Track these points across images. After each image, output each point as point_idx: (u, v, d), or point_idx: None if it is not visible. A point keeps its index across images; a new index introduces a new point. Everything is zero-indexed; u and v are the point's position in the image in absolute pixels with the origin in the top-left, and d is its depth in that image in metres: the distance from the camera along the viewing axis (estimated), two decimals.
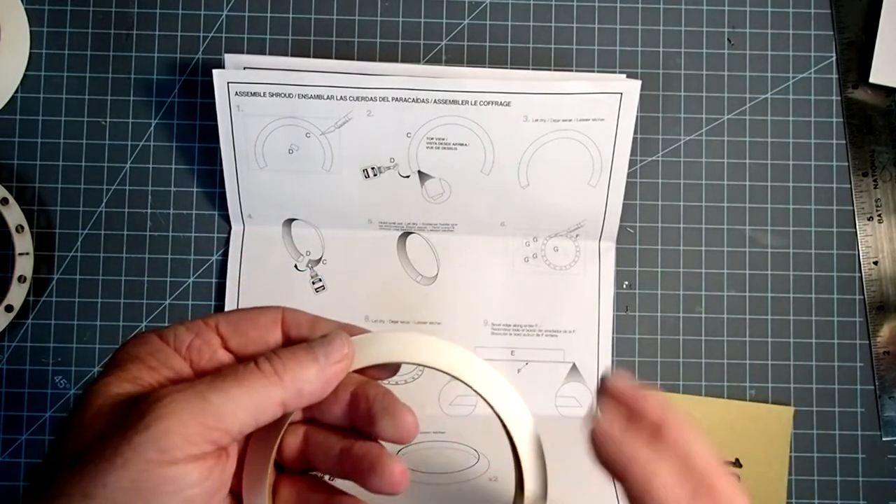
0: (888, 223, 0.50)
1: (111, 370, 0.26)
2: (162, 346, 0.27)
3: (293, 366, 0.26)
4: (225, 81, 0.46)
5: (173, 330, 0.27)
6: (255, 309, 0.29)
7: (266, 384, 0.25)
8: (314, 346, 0.27)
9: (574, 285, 0.49)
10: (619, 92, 0.46)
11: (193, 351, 0.27)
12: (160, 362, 0.26)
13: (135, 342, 0.27)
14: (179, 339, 0.27)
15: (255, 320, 0.28)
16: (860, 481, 0.49)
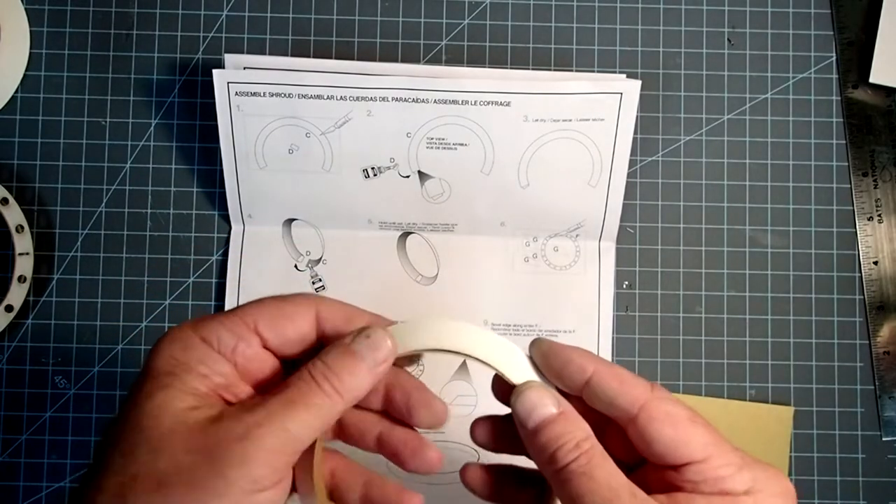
0: (888, 223, 0.50)
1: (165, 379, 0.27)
2: (208, 351, 0.28)
3: (347, 377, 0.27)
4: (225, 81, 0.46)
5: (215, 332, 0.28)
6: (289, 302, 0.29)
7: (330, 403, 0.27)
8: (361, 350, 0.28)
9: (574, 285, 0.49)
10: (619, 92, 0.46)
11: (238, 355, 0.28)
12: (211, 370, 0.27)
13: (181, 346, 0.27)
14: (224, 343, 0.28)
15: (291, 318, 0.29)
16: (860, 481, 0.49)
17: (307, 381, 0.27)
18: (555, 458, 0.27)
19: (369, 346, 0.28)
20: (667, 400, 0.28)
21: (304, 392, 0.27)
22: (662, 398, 0.28)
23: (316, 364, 0.28)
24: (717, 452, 0.27)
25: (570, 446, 0.27)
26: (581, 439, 0.27)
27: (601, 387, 0.28)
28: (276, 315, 0.29)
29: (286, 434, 0.26)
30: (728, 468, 0.27)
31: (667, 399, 0.28)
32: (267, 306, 0.29)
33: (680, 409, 0.28)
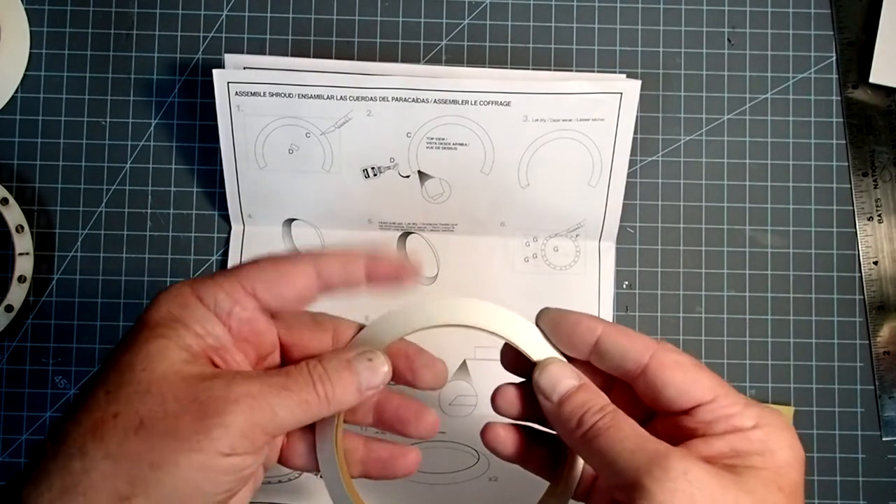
0: (888, 223, 0.50)
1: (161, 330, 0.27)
2: (205, 312, 0.28)
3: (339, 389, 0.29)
4: (225, 81, 0.46)
5: (212, 294, 0.28)
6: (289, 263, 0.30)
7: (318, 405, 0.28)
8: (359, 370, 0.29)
9: (574, 285, 0.50)
10: (619, 92, 0.46)
11: (233, 318, 0.29)
12: (205, 330, 0.28)
13: (178, 303, 0.28)
14: (220, 305, 0.29)
15: (289, 279, 0.29)
16: (860, 481, 0.49)
17: (305, 376, 0.28)
18: (582, 421, 0.29)
19: (367, 369, 0.30)
20: (673, 350, 0.30)
21: (300, 385, 0.28)
22: (669, 349, 0.30)
23: (316, 366, 0.29)
24: (724, 392, 0.29)
25: (595, 409, 0.29)
26: (604, 403, 0.29)
27: (611, 343, 0.30)
28: (274, 278, 0.29)
29: (273, 415, 0.27)
30: (735, 406, 0.29)
31: (672, 349, 0.30)
32: (265, 269, 0.30)
33: (685, 357, 0.30)
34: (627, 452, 0.27)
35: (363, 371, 0.29)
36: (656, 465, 0.26)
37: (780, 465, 0.28)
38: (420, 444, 0.48)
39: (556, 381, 0.30)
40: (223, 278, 0.29)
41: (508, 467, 0.34)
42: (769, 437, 0.28)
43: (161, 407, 0.26)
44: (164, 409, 0.26)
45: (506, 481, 0.48)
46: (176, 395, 0.26)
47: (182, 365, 0.27)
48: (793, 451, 0.28)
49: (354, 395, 0.29)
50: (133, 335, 0.28)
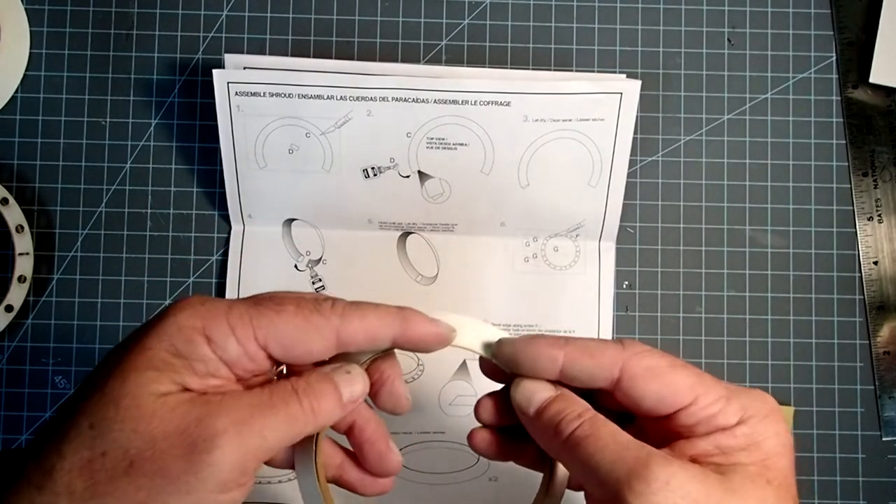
0: (888, 223, 0.50)
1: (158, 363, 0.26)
2: (210, 355, 0.27)
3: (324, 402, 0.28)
4: (225, 81, 0.46)
5: (223, 338, 0.27)
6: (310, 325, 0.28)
7: (305, 420, 0.28)
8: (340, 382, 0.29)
9: (574, 285, 0.49)
10: (619, 92, 0.46)
11: (239, 367, 0.28)
12: (207, 370, 0.27)
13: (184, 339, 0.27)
14: (229, 352, 0.27)
15: (308, 344, 0.28)
16: (860, 481, 0.49)
17: (289, 392, 0.28)
18: (559, 429, 0.28)
19: (348, 382, 0.29)
20: (642, 354, 0.29)
21: (286, 401, 0.27)
22: (637, 353, 0.29)
23: (299, 381, 0.28)
24: (704, 391, 0.28)
25: (572, 416, 0.28)
26: (582, 410, 0.29)
27: (577, 368, 0.29)
28: (292, 339, 0.28)
29: (263, 440, 0.26)
30: (717, 404, 0.28)
31: (642, 353, 0.29)
32: (286, 324, 0.28)
33: (657, 359, 0.29)
34: (608, 463, 0.26)
35: (343, 384, 0.29)
36: (636, 477, 0.25)
37: (768, 457, 0.27)
38: (420, 444, 0.49)
39: (531, 394, 0.30)
40: (238, 322, 0.27)
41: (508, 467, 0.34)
42: (754, 430, 0.28)
43: (150, 446, 0.25)
44: (152, 447, 0.25)
45: (506, 481, 0.48)
46: (165, 430, 0.25)
47: (169, 397, 0.26)
48: (779, 439, 0.28)
49: (338, 407, 0.29)
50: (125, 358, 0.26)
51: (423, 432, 0.49)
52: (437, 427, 0.49)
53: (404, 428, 0.49)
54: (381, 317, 0.29)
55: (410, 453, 0.49)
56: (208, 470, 0.25)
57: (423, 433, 0.49)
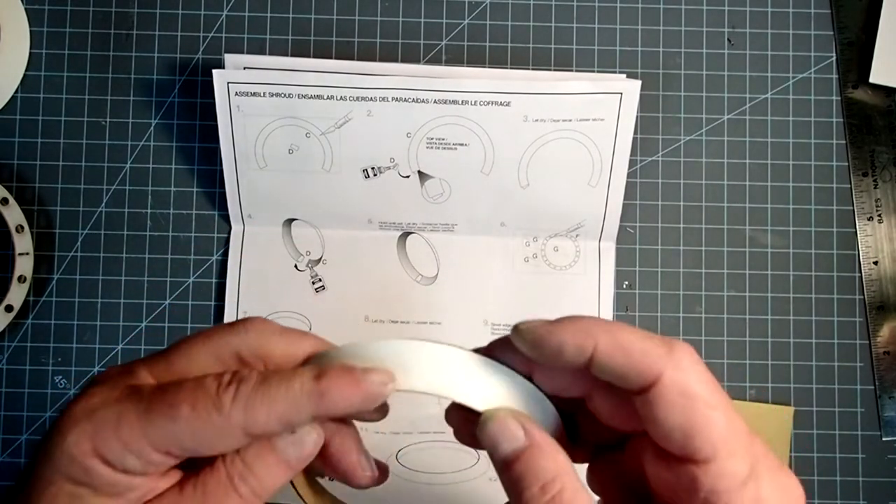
0: (888, 223, 0.50)
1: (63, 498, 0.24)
2: (112, 476, 0.24)
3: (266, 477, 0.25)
4: (225, 81, 0.46)
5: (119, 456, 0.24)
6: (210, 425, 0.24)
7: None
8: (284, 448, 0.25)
9: (574, 285, 0.49)
10: (619, 92, 0.46)
11: (152, 470, 0.25)
12: (118, 488, 0.24)
13: (79, 468, 0.24)
14: (130, 467, 0.24)
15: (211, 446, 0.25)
16: (860, 481, 0.49)
17: (223, 483, 0.25)
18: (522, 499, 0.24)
19: (293, 443, 0.26)
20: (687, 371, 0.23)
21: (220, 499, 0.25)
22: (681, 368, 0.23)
23: (234, 461, 0.25)
24: (726, 454, 0.23)
25: (535, 490, 0.24)
26: (548, 481, 0.24)
27: (606, 365, 0.24)
28: (193, 444, 0.24)
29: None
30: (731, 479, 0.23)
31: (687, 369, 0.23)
32: (182, 433, 0.24)
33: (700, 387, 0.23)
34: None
35: (288, 447, 0.25)
36: None
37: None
38: (420, 444, 0.49)
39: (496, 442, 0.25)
40: (130, 437, 0.24)
41: None
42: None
43: None
44: None
45: None
46: None
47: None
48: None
49: (286, 474, 0.26)
50: (34, 497, 0.24)
51: (423, 432, 0.49)
52: (436, 427, 0.49)
53: (404, 428, 0.49)
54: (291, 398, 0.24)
55: (410, 453, 0.49)
56: None
57: (423, 433, 0.49)
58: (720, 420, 0.23)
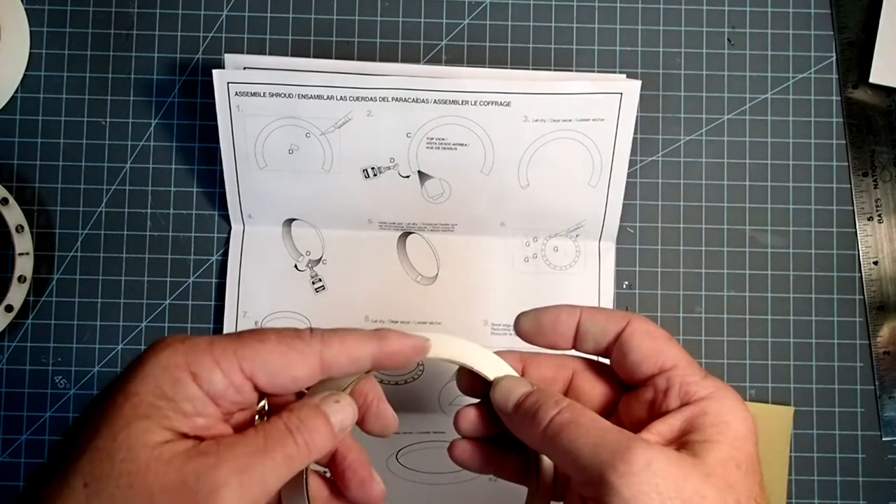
0: (888, 223, 0.50)
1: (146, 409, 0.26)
2: (197, 392, 0.27)
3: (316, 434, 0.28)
4: (225, 81, 0.46)
5: (208, 373, 0.27)
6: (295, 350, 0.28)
7: (300, 456, 0.28)
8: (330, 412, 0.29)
9: (574, 285, 0.49)
10: (619, 92, 0.46)
11: (226, 401, 0.27)
12: (195, 409, 0.27)
13: (169, 379, 0.26)
14: (214, 387, 0.27)
15: (292, 369, 0.28)
16: (860, 481, 0.49)
17: (283, 430, 0.28)
18: (537, 418, 0.29)
19: (338, 411, 0.29)
20: (647, 321, 0.32)
21: (281, 441, 0.27)
22: (643, 320, 0.32)
23: (290, 417, 0.28)
24: (686, 363, 0.31)
25: (550, 403, 0.30)
26: (559, 398, 0.30)
27: (591, 322, 0.32)
28: (277, 367, 0.28)
29: (264, 486, 0.26)
30: (694, 375, 0.30)
31: (647, 321, 0.32)
32: (269, 354, 0.28)
33: (658, 329, 0.32)
34: (590, 447, 0.27)
35: (334, 413, 0.29)
36: (619, 459, 0.26)
37: (736, 437, 0.28)
38: (420, 444, 0.49)
39: (509, 391, 0.31)
40: (222, 355, 0.27)
41: None
42: (723, 409, 0.29)
43: (147, 501, 0.24)
44: (150, 502, 0.24)
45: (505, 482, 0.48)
46: (162, 484, 0.25)
47: (164, 448, 0.25)
48: (745, 423, 0.29)
49: (330, 438, 0.29)
50: (113, 409, 0.26)
51: (423, 432, 0.49)
52: (437, 427, 0.49)
53: (404, 428, 0.49)
54: (359, 338, 0.30)
55: (410, 453, 0.49)
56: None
57: (423, 433, 0.49)
58: (677, 347, 0.32)
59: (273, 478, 0.26)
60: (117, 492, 0.24)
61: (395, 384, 0.49)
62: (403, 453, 0.49)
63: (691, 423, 0.29)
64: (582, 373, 0.34)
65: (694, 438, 0.28)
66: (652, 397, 0.31)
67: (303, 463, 0.28)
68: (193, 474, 0.25)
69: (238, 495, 0.25)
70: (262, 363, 0.28)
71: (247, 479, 0.25)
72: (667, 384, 0.30)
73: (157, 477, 0.25)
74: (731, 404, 0.29)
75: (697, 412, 0.29)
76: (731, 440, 0.28)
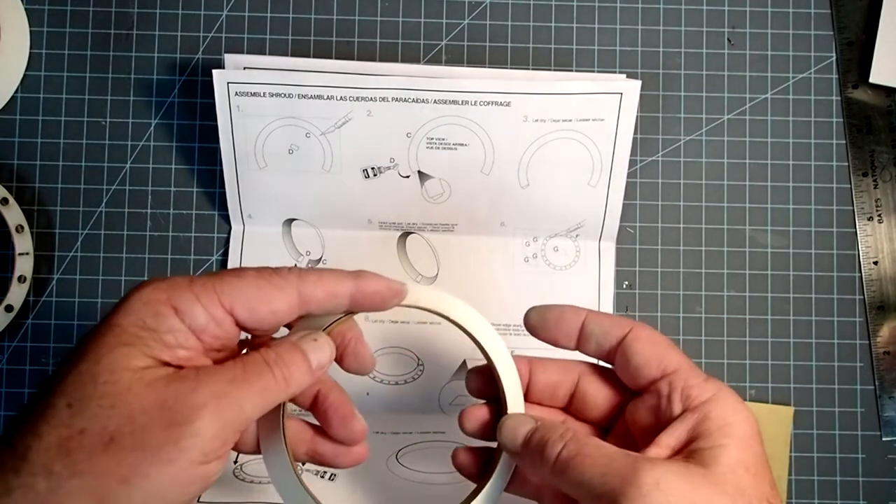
0: (888, 223, 0.50)
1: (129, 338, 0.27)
2: (179, 325, 0.27)
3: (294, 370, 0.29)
4: (225, 81, 0.46)
5: (189, 307, 0.28)
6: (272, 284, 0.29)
7: (277, 389, 0.28)
8: (308, 350, 0.30)
9: (574, 285, 0.49)
10: (619, 92, 0.46)
11: (207, 334, 0.28)
12: (177, 341, 0.27)
13: (152, 312, 0.27)
14: (196, 320, 0.28)
15: (270, 302, 0.29)
16: (860, 481, 0.49)
17: (261, 364, 0.28)
18: (545, 455, 0.30)
19: (315, 349, 0.30)
20: (649, 328, 0.33)
21: (259, 373, 0.28)
22: (645, 326, 0.33)
23: (269, 352, 0.29)
24: (687, 367, 0.31)
25: (555, 438, 0.30)
26: (563, 431, 0.30)
27: (595, 324, 0.33)
28: (255, 300, 0.29)
29: (240, 411, 0.27)
30: (695, 378, 0.31)
31: (649, 327, 0.33)
32: (248, 287, 0.29)
33: (660, 335, 0.33)
34: (599, 478, 0.28)
35: (311, 351, 0.30)
36: (628, 484, 0.27)
37: (742, 438, 0.29)
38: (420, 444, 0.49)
39: (515, 430, 0.32)
40: (202, 290, 0.28)
41: None
42: (726, 411, 0.29)
43: (129, 420, 0.25)
44: (131, 422, 0.25)
45: None
46: (143, 405, 0.25)
47: (145, 372, 0.26)
48: (749, 423, 0.29)
49: (308, 374, 0.29)
50: (97, 338, 0.27)
51: (423, 432, 0.49)
52: (437, 427, 0.49)
53: (404, 428, 0.49)
54: (337, 276, 0.30)
55: (410, 453, 0.49)
56: (190, 440, 0.25)
57: (423, 433, 0.49)
58: (679, 353, 0.32)
59: (249, 406, 0.27)
60: (99, 411, 0.25)
61: (395, 384, 0.49)
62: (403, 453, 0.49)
63: (696, 430, 0.29)
64: (587, 377, 0.34)
65: (701, 446, 0.29)
66: (656, 403, 0.31)
67: (279, 395, 0.29)
68: (173, 396, 0.26)
69: (215, 417, 0.26)
70: (240, 297, 0.28)
71: (224, 403, 0.26)
72: (669, 389, 0.31)
73: (137, 398, 0.25)
74: (732, 406, 0.30)
75: (701, 418, 0.29)
76: (737, 442, 0.28)
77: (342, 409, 0.33)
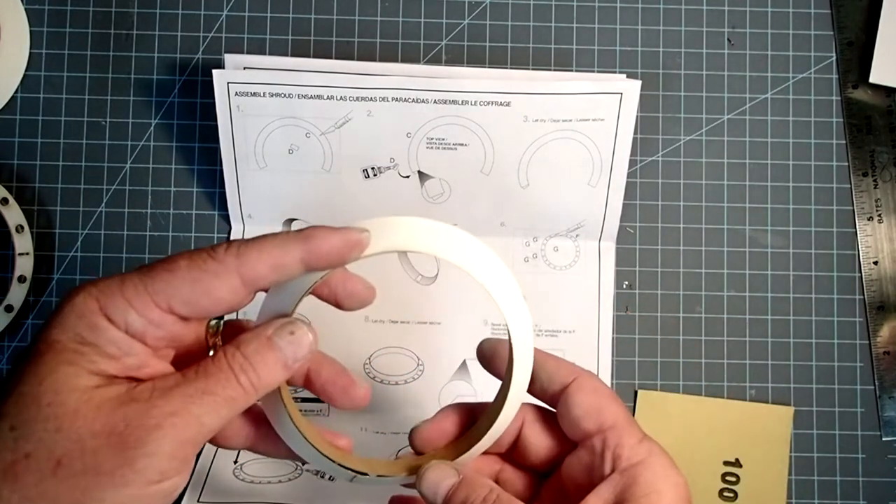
0: (888, 223, 0.50)
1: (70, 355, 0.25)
2: (117, 334, 0.26)
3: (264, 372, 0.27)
4: (225, 81, 0.46)
5: (122, 314, 0.26)
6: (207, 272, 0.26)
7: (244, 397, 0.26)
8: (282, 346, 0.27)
9: (574, 285, 0.49)
10: (619, 92, 0.46)
11: (149, 337, 0.26)
12: (121, 350, 0.26)
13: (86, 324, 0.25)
14: (132, 327, 0.26)
15: (209, 292, 0.26)
16: (860, 481, 0.49)
17: (225, 371, 0.26)
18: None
19: (291, 343, 0.27)
20: (595, 378, 0.32)
21: (222, 383, 0.26)
22: (591, 376, 0.32)
23: (235, 355, 0.27)
24: (624, 423, 0.30)
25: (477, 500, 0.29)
26: (486, 493, 0.29)
27: (539, 365, 0.32)
28: (191, 293, 0.26)
29: (200, 427, 0.25)
30: (630, 438, 0.30)
31: (595, 378, 0.32)
32: (181, 281, 0.26)
33: (605, 387, 0.32)
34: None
35: (286, 346, 0.27)
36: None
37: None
38: None
39: (435, 485, 0.31)
40: (133, 294, 0.26)
41: None
42: (655, 476, 0.29)
43: (77, 444, 0.24)
44: (80, 446, 0.24)
45: None
46: (92, 429, 0.24)
47: (93, 392, 0.25)
48: (677, 490, 0.29)
49: (281, 373, 0.27)
50: (36, 357, 0.25)
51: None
52: None
53: (404, 428, 0.49)
54: (281, 243, 0.27)
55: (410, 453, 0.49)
56: (146, 460, 0.24)
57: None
58: (620, 406, 0.31)
59: (212, 420, 0.25)
60: (45, 434, 0.24)
61: (395, 384, 0.49)
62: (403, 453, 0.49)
63: (623, 494, 0.28)
64: (531, 424, 0.33)
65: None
66: (590, 460, 0.30)
67: (248, 402, 0.27)
68: (123, 420, 0.24)
69: (171, 437, 0.24)
70: (175, 293, 0.26)
71: (181, 421, 0.25)
72: (602, 446, 0.30)
73: (86, 422, 0.24)
74: (663, 471, 0.29)
75: (628, 482, 0.29)
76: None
77: (340, 381, 0.31)
